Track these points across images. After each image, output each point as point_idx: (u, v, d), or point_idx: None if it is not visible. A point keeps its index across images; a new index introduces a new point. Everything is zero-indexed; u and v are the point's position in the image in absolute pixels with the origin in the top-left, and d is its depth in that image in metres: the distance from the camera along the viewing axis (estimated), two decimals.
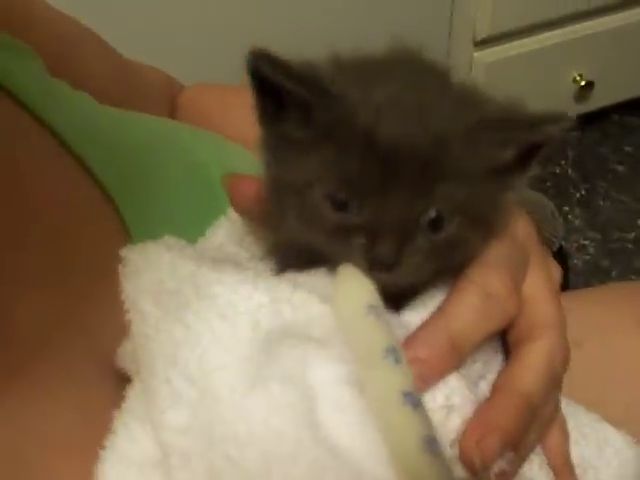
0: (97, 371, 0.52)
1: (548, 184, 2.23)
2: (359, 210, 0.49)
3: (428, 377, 0.48)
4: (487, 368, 0.54)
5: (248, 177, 0.56)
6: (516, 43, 2.10)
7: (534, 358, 0.53)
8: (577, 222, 2.13)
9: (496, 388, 0.52)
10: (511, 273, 0.53)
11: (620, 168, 2.29)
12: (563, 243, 1.24)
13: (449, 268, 0.52)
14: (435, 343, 0.49)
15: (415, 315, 0.52)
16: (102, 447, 0.47)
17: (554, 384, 0.54)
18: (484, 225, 0.52)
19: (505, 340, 0.56)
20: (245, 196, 0.56)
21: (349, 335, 0.48)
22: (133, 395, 0.48)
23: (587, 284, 1.94)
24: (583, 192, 2.22)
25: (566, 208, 2.15)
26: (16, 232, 0.55)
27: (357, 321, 0.48)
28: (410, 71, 0.54)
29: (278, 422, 0.45)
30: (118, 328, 0.51)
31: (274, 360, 0.47)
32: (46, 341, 0.52)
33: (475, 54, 2.08)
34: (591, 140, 2.36)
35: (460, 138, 0.49)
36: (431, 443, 0.42)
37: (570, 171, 2.27)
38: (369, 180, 0.48)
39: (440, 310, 0.51)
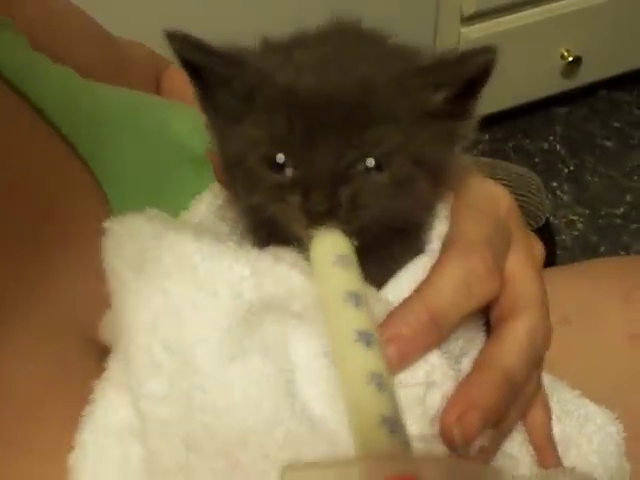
0: (77, 345, 0.52)
1: (536, 160, 2.24)
2: (294, 168, 0.50)
3: (408, 354, 0.49)
4: (469, 345, 0.54)
5: None
6: (504, 19, 2.09)
7: (515, 336, 0.53)
8: (565, 198, 2.13)
9: (477, 365, 0.52)
10: (492, 250, 0.53)
11: (608, 144, 2.29)
12: (550, 218, 1.25)
13: (404, 216, 0.52)
14: (415, 319, 0.49)
15: (395, 290, 0.52)
16: (80, 416, 0.47)
17: (535, 362, 0.55)
18: (431, 170, 0.52)
19: (488, 319, 0.56)
20: None
21: (317, 284, 0.48)
22: (113, 364, 0.48)
23: (575, 260, 1.94)
24: (571, 168, 2.22)
25: (554, 184, 2.15)
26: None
27: (324, 270, 0.48)
28: (338, 37, 0.55)
29: (256, 392, 0.46)
30: (99, 302, 0.51)
31: (254, 332, 0.47)
32: (21, 313, 0.53)
33: (462, 30, 2.08)
34: (579, 116, 2.36)
35: (388, 84, 0.50)
36: (392, 423, 0.41)
37: (558, 147, 2.28)
38: (297, 136, 0.49)
39: (421, 286, 0.51)
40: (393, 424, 0.41)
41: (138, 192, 0.63)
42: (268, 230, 0.54)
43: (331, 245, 0.49)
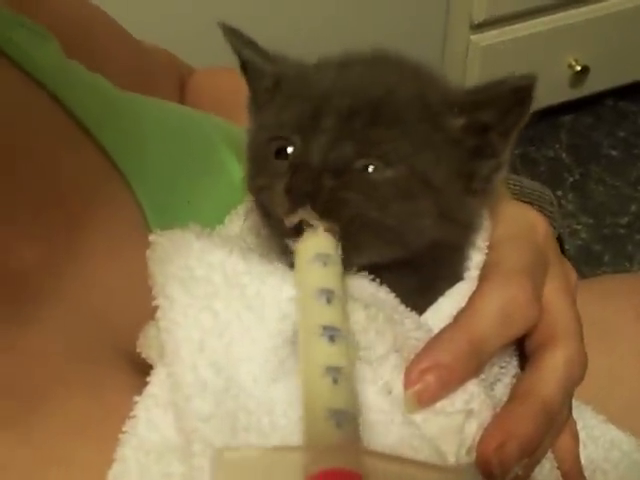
0: (112, 357, 0.52)
1: (542, 168, 2.23)
2: (294, 155, 0.51)
3: (448, 382, 0.48)
4: (503, 371, 0.55)
5: None
6: (513, 27, 2.09)
7: (554, 365, 0.53)
8: (570, 207, 2.13)
9: (516, 395, 0.52)
10: (532, 279, 0.53)
11: (614, 153, 2.28)
12: (561, 230, 1.25)
13: (393, 232, 0.51)
14: (456, 348, 0.49)
15: (436, 316, 0.52)
16: (121, 432, 0.47)
17: (571, 391, 0.55)
18: (439, 196, 0.51)
19: (520, 342, 0.56)
20: None
21: (295, 280, 0.48)
22: (156, 381, 0.48)
23: (579, 270, 1.91)
24: (577, 176, 2.22)
25: (559, 192, 2.15)
26: (34, 213, 0.56)
27: (302, 266, 0.48)
28: (375, 57, 0.56)
29: (295, 414, 0.45)
30: (135, 315, 0.51)
31: (296, 354, 0.47)
32: (58, 327, 0.52)
33: (472, 37, 2.08)
34: (585, 125, 2.36)
35: (409, 95, 0.51)
36: (340, 417, 0.40)
37: (564, 155, 2.27)
38: (304, 123, 0.50)
39: (462, 315, 0.51)
40: (341, 418, 0.40)
41: (175, 205, 0.63)
42: (269, 227, 0.55)
43: (314, 243, 0.49)
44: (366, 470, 0.36)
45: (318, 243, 0.48)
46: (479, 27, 2.07)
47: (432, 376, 0.47)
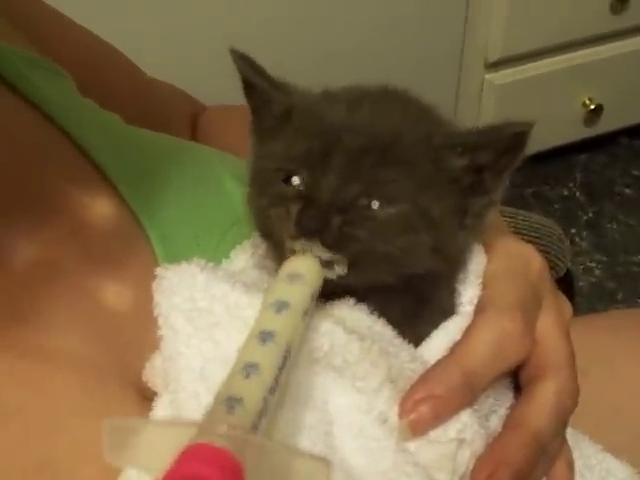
0: (121, 387, 0.54)
1: (555, 206, 2.24)
2: (302, 186, 0.52)
3: (442, 413, 0.50)
4: (498, 403, 0.56)
5: None
6: (528, 66, 2.10)
7: (544, 397, 0.55)
8: (584, 244, 2.13)
9: (507, 425, 0.54)
10: (525, 313, 0.55)
11: (628, 191, 2.29)
12: (570, 266, 1.26)
13: (396, 264, 0.53)
14: (450, 380, 0.51)
15: (430, 349, 0.54)
16: None
17: (563, 421, 0.56)
18: (435, 230, 0.53)
19: (517, 375, 0.58)
20: None
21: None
22: (160, 406, 0.50)
23: (593, 307, 1.94)
24: (590, 215, 2.23)
25: (573, 230, 2.15)
26: (47, 249, 0.57)
27: (273, 282, 0.50)
28: (383, 93, 0.58)
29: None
30: (142, 345, 0.54)
31: (298, 384, 0.49)
32: (71, 354, 0.54)
33: (486, 76, 2.09)
34: (599, 163, 2.36)
35: (414, 136, 0.53)
36: (233, 404, 0.41)
37: (578, 193, 2.28)
38: (313, 158, 0.52)
39: (455, 347, 0.53)
40: (235, 405, 0.41)
41: (183, 236, 0.64)
42: (270, 244, 0.57)
43: (295, 265, 0.51)
44: (238, 449, 0.37)
45: (295, 264, 0.50)
46: (494, 66, 2.08)
47: (426, 406, 0.49)
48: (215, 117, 0.96)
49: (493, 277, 0.58)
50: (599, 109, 2.20)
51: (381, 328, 0.53)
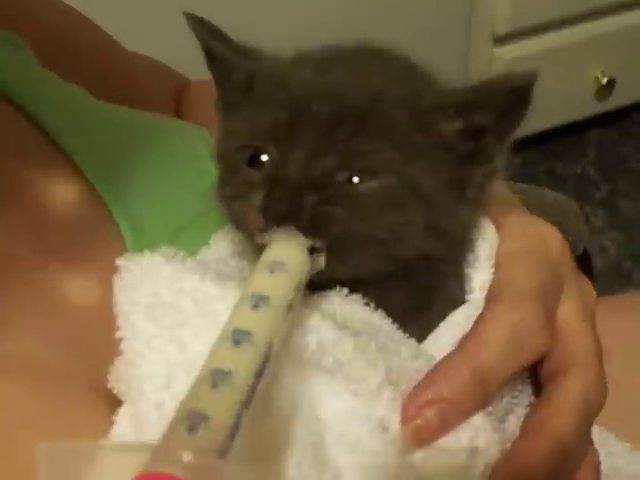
0: (86, 393, 0.48)
1: (569, 184, 2.20)
2: (270, 166, 0.47)
3: (451, 418, 0.44)
4: (515, 401, 0.50)
5: None
6: (536, 39, 2.06)
7: (569, 396, 0.48)
8: (598, 223, 2.10)
9: (527, 429, 0.48)
10: (545, 301, 0.49)
11: None
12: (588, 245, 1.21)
13: (385, 246, 0.47)
14: (459, 380, 0.44)
15: (436, 344, 0.48)
16: None
17: (588, 423, 0.50)
18: (428, 205, 0.47)
19: (535, 368, 0.51)
20: None
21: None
22: (122, 420, 0.44)
23: (608, 286, 1.91)
24: (604, 192, 2.18)
25: (587, 209, 2.11)
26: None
27: (253, 273, 0.43)
28: (364, 53, 0.52)
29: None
30: (110, 347, 0.47)
31: (282, 390, 0.42)
32: (25, 359, 0.48)
33: (494, 50, 2.04)
34: (612, 139, 2.33)
35: (397, 98, 0.47)
36: (195, 422, 0.34)
37: (591, 171, 2.24)
38: (280, 131, 0.46)
39: (465, 342, 0.47)
40: (198, 424, 0.34)
41: (156, 225, 0.58)
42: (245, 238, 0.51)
43: (276, 252, 0.44)
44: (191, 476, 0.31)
45: (276, 252, 0.44)
46: (502, 40, 2.03)
47: (433, 411, 0.43)
48: (200, 92, 0.90)
49: (507, 259, 0.51)
50: (611, 83, 2.16)
51: (379, 321, 0.47)
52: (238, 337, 0.38)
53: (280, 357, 0.41)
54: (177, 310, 0.45)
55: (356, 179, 0.45)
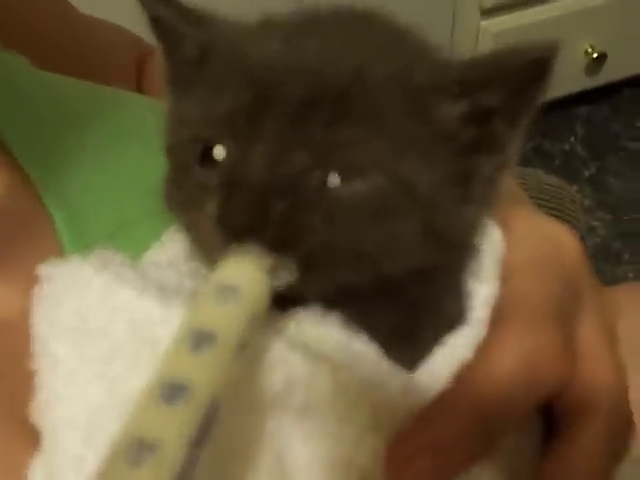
0: (6, 425, 0.41)
1: (556, 162, 2.16)
2: (227, 164, 0.38)
3: (447, 469, 0.36)
4: (521, 441, 0.42)
5: None
6: (525, 12, 2.02)
7: (594, 435, 0.40)
8: (587, 202, 2.05)
9: (546, 476, 0.40)
10: (562, 323, 0.40)
11: (632, 145, 2.19)
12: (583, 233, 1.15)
13: (373, 263, 0.38)
14: (460, 421, 0.36)
15: (431, 374, 0.40)
16: None
17: (615, 464, 0.42)
18: (426, 209, 0.39)
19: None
20: None
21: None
22: (37, 474, 0.36)
23: (597, 268, 1.84)
24: (593, 170, 2.14)
25: (575, 187, 2.07)
26: None
27: (198, 299, 0.34)
28: (342, 20, 0.43)
29: None
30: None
31: (245, 431, 0.35)
32: None
33: (482, 23, 2.01)
34: (602, 115, 2.30)
35: (385, 76, 0.38)
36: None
37: (579, 148, 2.20)
38: (240, 118, 0.37)
39: (466, 373, 0.38)
40: None
41: (98, 217, 0.50)
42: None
43: (226, 274, 0.35)
44: None
45: (227, 272, 0.35)
46: (490, 12, 1.99)
47: (426, 461, 0.35)
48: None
49: (516, 270, 0.42)
50: (602, 58, 2.14)
51: (361, 348, 0.38)
52: (172, 392, 0.29)
53: (233, 404, 0.33)
54: (107, 336, 0.37)
55: (335, 179, 0.37)
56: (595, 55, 2.11)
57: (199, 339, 0.31)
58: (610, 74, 2.20)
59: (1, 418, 0.41)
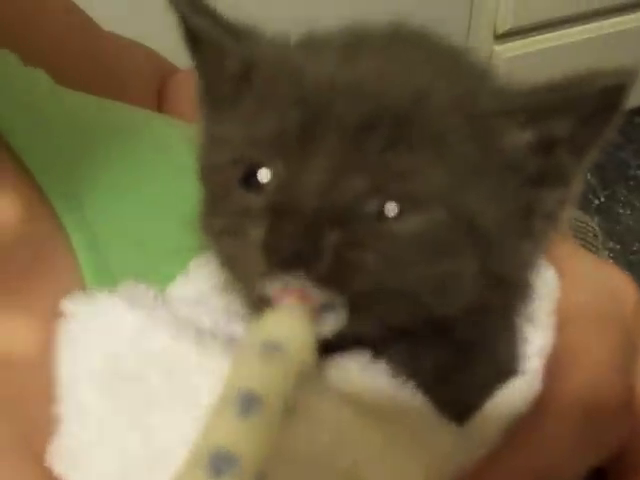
0: (20, 457, 0.38)
1: None
2: (275, 188, 0.35)
3: None
4: None
5: None
6: (539, 38, 2.01)
7: None
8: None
9: None
10: (623, 376, 0.38)
11: None
12: None
13: (429, 302, 0.36)
14: None
15: (482, 429, 0.37)
16: None
17: None
18: (486, 248, 0.36)
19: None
20: None
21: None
22: None
23: None
24: (602, 199, 2.12)
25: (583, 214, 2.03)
26: None
27: (239, 357, 0.32)
28: (398, 39, 0.41)
29: None
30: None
31: None
32: None
33: (495, 48, 2.00)
34: (612, 144, 2.22)
35: (448, 100, 0.36)
36: None
37: (589, 176, 2.15)
38: (289, 139, 0.35)
39: (523, 432, 0.36)
40: None
41: (120, 244, 0.48)
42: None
43: (271, 328, 0.32)
44: None
45: (271, 327, 0.32)
46: (503, 37, 1.99)
47: None
48: (187, 82, 0.78)
49: (572, 316, 0.40)
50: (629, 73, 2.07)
51: (410, 399, 0.35)
52: (218, 464, 0.26)
53: (277, 466, 0.30)
54: (141, 383, 0.34)
55: (393, 210, 0.34)
56: None
57: (246, 403, 0.29)
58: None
59: (16, 455, 0.38)
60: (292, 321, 0.32)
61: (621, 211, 2.08)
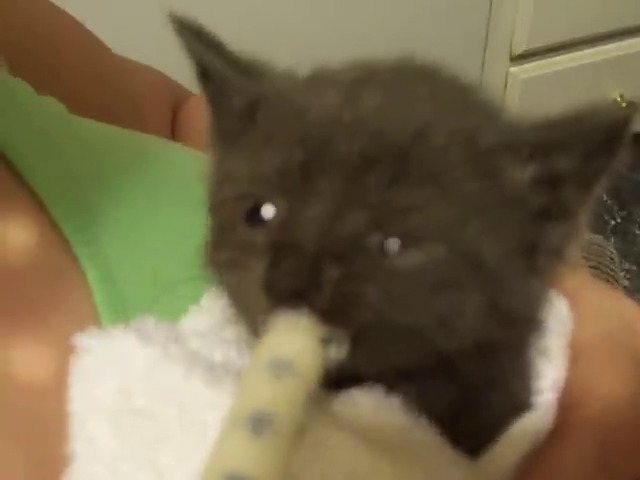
0: None
1: None
2: (278, 224, 0.35)
3: None
4: None
5: None
6: (555, 59, 2.02)
7: None
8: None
9: None
10: (636, 410, 0.38)
11: None
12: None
13: (432, 339, 0.35)
14: None
15: (493, 465, 0.37)
16: None
17: None
18: (489, 283, 0.36)
19: None
20: None
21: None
22: None
23: None
24: (619, 220, 2.13)
25: (600, 237, 2.02)
26: None
27: (248, 375, 0.32)
28: (403, 74, 0.41)
29: None
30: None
31: None
32: None
33: (511, 69, 2.00)
34: (629, 165, 2.22)
35: (449, 135, 0.36)
36: None
37: (605, 197, 2.15)
38: (292, 176, 0.35)
39: (538, 468, 0.36)
40: None
41: (134, 277, 0.48)
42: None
43: (279, 347, 0.32)
44: None
45: (279, 345, 0.32)
46: (519, 58, 1.99)
47: None
48: (200, 109, 0.79)
49: (585, 349, 0.40)
50: (631, 107, 2.05)
51: (422, 435, 0.35)
52: None
53: None
54: (153, 419, 0.34)
55: (394, 246, 0.34)
56: (624, 104, 2.06)
57: (257, 423, 0.29)
58: (638, 124, 2.17)
59: None
60: (300, 338, 0.32)
61: (637, 232, 2.09)
